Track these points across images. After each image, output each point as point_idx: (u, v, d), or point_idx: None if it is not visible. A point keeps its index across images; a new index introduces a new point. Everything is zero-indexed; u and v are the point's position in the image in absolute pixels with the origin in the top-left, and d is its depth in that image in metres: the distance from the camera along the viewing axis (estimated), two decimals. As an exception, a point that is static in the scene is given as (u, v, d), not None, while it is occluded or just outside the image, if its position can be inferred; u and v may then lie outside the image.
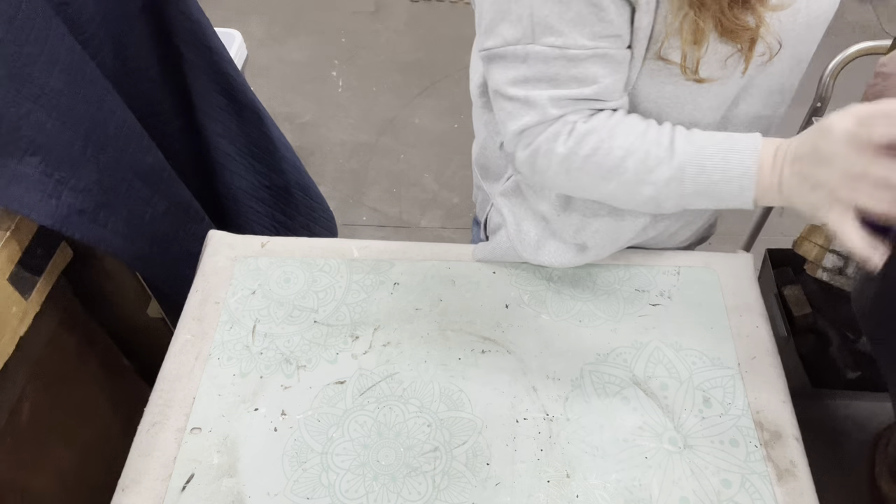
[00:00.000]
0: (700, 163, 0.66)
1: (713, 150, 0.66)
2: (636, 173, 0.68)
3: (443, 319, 0.89)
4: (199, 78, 1.12)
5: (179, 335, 0.86)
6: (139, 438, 0.77)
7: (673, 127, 0.70)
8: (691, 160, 0.67)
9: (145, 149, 1.03)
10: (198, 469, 0.75)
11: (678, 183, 0.68)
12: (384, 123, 2.33)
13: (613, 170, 0.69)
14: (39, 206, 0.86)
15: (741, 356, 0.85)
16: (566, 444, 0.77)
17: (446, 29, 2.69)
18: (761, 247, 1.64)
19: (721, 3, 0.64)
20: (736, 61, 0.69)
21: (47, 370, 1.00)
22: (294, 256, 0.95)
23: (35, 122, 0.83)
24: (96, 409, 1.14)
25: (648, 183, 0.69)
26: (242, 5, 2.75)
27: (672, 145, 0.68)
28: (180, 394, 0.81)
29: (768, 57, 0.69)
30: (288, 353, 0.85)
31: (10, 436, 0.93)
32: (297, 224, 1.38)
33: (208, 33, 1.09)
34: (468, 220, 2.05)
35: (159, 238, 1.08)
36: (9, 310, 0.87)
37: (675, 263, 0.94)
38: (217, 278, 0.92)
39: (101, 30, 0.97)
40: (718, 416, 0.79)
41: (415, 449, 0.76)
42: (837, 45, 1.24)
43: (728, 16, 0.64)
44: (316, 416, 0.80)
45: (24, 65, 0.81)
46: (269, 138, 1.25)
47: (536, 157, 0.72)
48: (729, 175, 0.66)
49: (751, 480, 0.74)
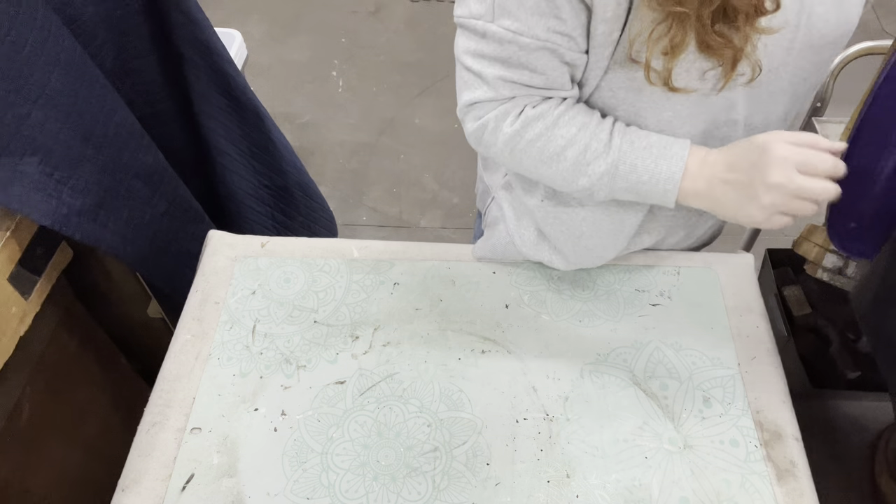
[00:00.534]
0: (633, 162, 0.71)
1: (645, 154, 0.71)
2: (574, 164, 0.73)
3: (443, 319, 0.89)
4: (199, 78, 1.12)
5: (179, 335, 0.86)
6: (139, 438, 0.77)
7: (614, 123, 0.74)
8: (625, 158, 0.72)
9: (145, 149, 1.03)
10: (198, 469, 0.75)
11: (610, 178, 0.73)
12: (384, 123, 2.33)
13: (553, 157, 0.73)
14: (39, 205, 0.86)
15: (741, 356, 0.85)
16: (566, 444, 0.77)
17: (446, 29, 2.69)
18: (761, 247, 1.64)
19: (703, 19, 0.63)
20: (716, 76, 0.69)
21: (47, 370, 1.00)
22: (294, 256, 0.95)
23: (35, 121, 0.83)
24: (96, 409, 1.14)
25: (584, 175, 0.73)
26: (242, 5, 2.75)
27: (610, 142, 0.72)
28: (180, 394, 0.81)
29: (749, 78, 0.69)
30: (288, 353, 0.85)
31: (10, 436, 0.93)
32: (297, 224, 1.38)
33: (208, 33, 1.09)
34: (468, 220, 2.05)
35: (159, 238, 1.08)
36: (9, 310, 0.87)
37: (675, 263, 0.94)
38: (217, 278, 0.92)
39: (101, 30, 0.97)
40: (718, 416, 0.79)
41: (415, 449, 0.76)
42: (837, 45, 1.24)
43: (710, 32, 0.64)
44: (316, 416, 0.80)
45: (24, 65, 0.81)
46: (269, 138, 1.25)
47: (484, 131, 0.76)
48: (656, 178, 0.71)
49: (751, 480, 0.74)
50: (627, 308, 0.90)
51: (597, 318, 0.89)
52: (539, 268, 0.94)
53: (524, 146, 0.74)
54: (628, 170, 0.72)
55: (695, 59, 0.67)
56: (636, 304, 0.90)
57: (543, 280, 0.93)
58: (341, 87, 2.46)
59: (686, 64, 0.68)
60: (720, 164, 0.70)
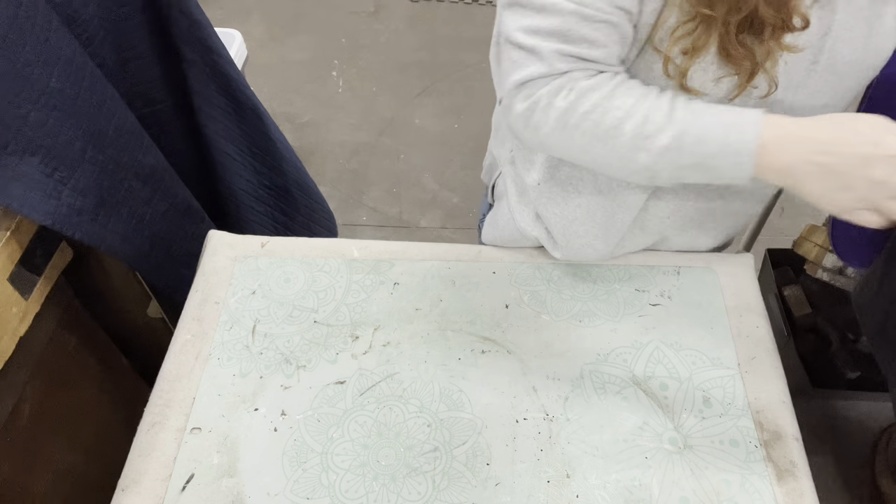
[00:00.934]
0: (699, 133, 0.65)
1: (714, 122, 0.65)
2: (633, 137, 0.66)
3: (443, 320, 0.89)
4: (199, 78, 1.12)
5: (179, 335, 0.86)
6: (139, 438, 0.77)
7: (675, 94, 0.68)
8: (690, 129, 0.65)
9: (145, 149, 1.03)
10: (198, 469, 0.75)
11: (675, 152, 0.66)
12: (384, 123, 2.33)
13: (610, 131, 0.67)
14: (39, 205, 0.86)
15: (741, 356, 0.85)
16: (566, 444, 0.77)
17: (446, 29, 2.69)
18: (761, 247, 1.64)
19: (728, 26, 0.63)
20: (731, 84, 0.68)
21: (47, 370, 1.00)
22: (294, 256, 0.95)
23: (35, 121, 0.83)
24: (96, 409, 1.14)
25: (644, 149, 0.66)
26: (242, 5, 2.75)
27: (672, 112, 0.66)
28: (180, 394, 0.81)
29: (764, 93, 0.68)
30: (288, 353, 0.85)
31: (10, 436, 0.93)
32: (297, 224, 1.38)
33: (208, 33, 1.09)
34: (468, 220, 2.05)
35: (159, 238, 1.08)
36: (9, 310, 0.87)
37: (675, 263, 0.94)
38: (217, 278, 0.92)
39: (101, 30, 0.97)
40: (718, 416, 0.79)
41: (415, 449, 0.76)
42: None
43: (733, 40, 0.63)
44: (316, 416, 0.80)
45: (24, 65, 0.81)
46: (269, 138, 1.25)
47: (535, 110, 0.70)
48: (726, 150, 0.64)
49: (751, 480, 0.74)
50: (627, 308, 0.90)
51: (597, 318, 0.89)
52: (539, 268, 0.94)
53: (577, 120, 0.68)
54: (694, 141, 0.65)
55: (713, 62, 0.67)
56: (636, 304, 0.90)
57: (543, 280, 0.93)
58: (341, 87, 2.46)
59: (703, 65, 0.67)
60: (811, 141, 0.63)
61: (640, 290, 0.92)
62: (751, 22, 0.63)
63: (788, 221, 2.00)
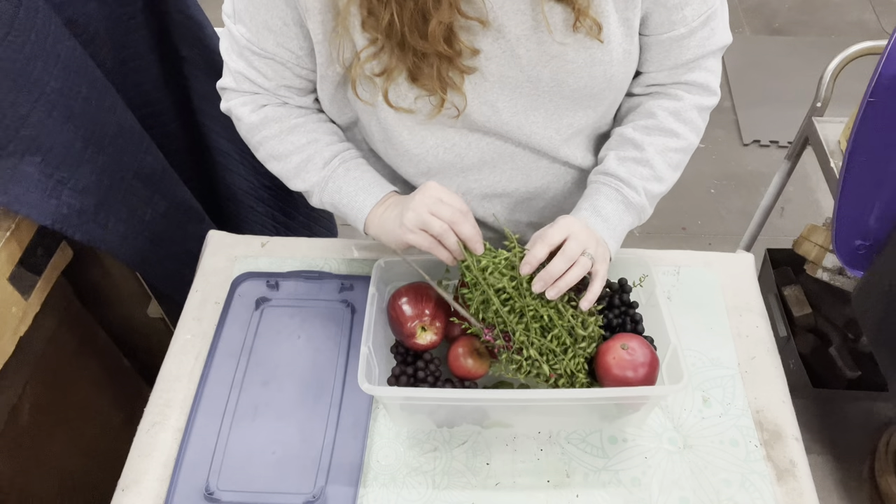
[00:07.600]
0: (339, 185, 0.81)
1: (353, 183, 0.80)
2: (296, 168, 0.82)
3: (443, 319, 0.88)
4: (199, 78, 1.12)
5: (179, 335, 0.86)
6: (139, 438, 0.77)
7: (347, 150, 0.83)
8: (335, 179, 0.81)
9: (145, 149, 1.03)
10: (198, 469, 0.75)
11: (320, 189, 0.82)
12: (384, 123, 2.32)
13: (281, 157, 0.83)
14: (39, 205, 0.86)
15: (741, 356, 0.85)
16: (566, 444, 0.77)
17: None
18: (761, 247, 1.64)
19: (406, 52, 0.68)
20: (428, 102, 0.74)
21: (47, 370, 1.00)
22: (294, 256, 0.95)
23: (35, 122, 0.83)
24: (96, 409, 1.14)
25: (301, 179, 0.83)
26: (242, 5, 2.74)
27: (330, 162, 0.81)
28: (180, 394, 0.81)
29: (457, 113, 0.75)
30: (288, 353, 0.85)
31: (10, 436, 0.93)
32: (297, 224, 1.38)
33: (208, 33, 1.09)
34: (468, 220, 2.05)
35: (159, 238, 1.08)
36: (9, 310, 0.87)
37: (676, 263, 0.94)
38: (217, 278, 0.92)
39: (101, 30, 0.97)
40: (718, 416, 0.79)
41: (415, 449, 0.76)
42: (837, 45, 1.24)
43: (417, 65, 0.70)
44: (316, 416, 0.79)
45: (24, 65, 0.81)
46: (269, 138, 1.25)
47: (231, 113, 0.84)
48: (353, 206, 0.80)
49: (750, 480, 0.74)
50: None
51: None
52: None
53: (259, 139, 0.83)
54: (334, 189, 0.81)
55: (403, 83, 0.73)
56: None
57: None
58: (341, 87, 2.46)
59: (396, 87, 0.74)
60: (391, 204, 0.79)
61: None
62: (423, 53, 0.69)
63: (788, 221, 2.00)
